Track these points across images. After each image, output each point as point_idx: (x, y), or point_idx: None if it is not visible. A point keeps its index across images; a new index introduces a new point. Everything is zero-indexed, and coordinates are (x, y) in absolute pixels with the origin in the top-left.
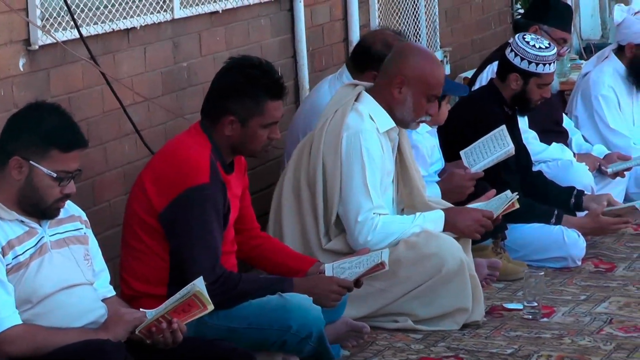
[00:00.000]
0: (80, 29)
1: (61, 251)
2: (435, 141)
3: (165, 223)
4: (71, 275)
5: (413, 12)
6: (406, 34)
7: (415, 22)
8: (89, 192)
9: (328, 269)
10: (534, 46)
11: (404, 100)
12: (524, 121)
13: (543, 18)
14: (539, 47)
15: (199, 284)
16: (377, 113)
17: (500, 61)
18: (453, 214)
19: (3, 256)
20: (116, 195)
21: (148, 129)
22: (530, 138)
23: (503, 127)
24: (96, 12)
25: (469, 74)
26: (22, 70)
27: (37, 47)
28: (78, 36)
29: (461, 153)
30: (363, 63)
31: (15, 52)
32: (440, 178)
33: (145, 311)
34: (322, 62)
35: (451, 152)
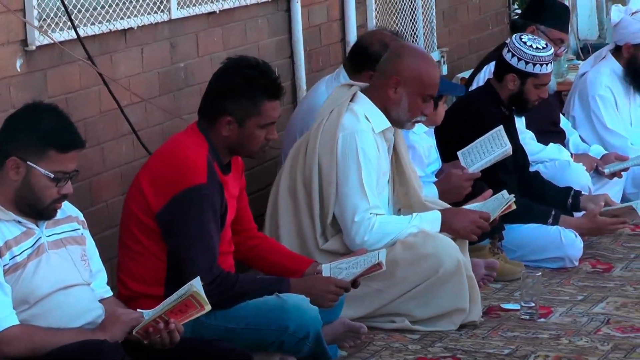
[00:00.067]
0: (77, 30)
1: (58, 252)
2: (432, 141)
3: (162, 223)
4: (68, 275)
5: (410, 13)
6: (403, 35)
7: (412, 23)
8: (86, 193)
9: (325, 270)
10: (531, 46)
11: (400, 100)
12: (522, 121)
13: (540, 18)
14: (536, 48)
15: (196, 284)
16: (373, 113)
17: (497, 61)
18: (450, 215)
19: (0, 257)
20: (113, 195)
21: (145, 130)
22: (527, 138)
23: (500, 128)
24: (93, 13)
25: (467, 75)
26: (20, 70)
27: (35, 48)
28: (75, 37)
29: (458, 153)
30: (360, 63)
31: (12, 53)
32: (437, 178)
33: (142, 312)
34: (319, 63)
35: (448, 153)
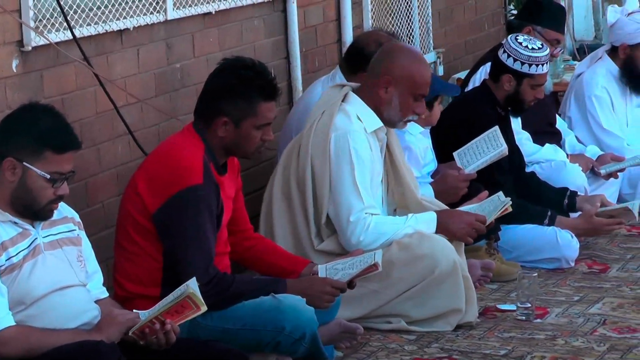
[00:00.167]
0: (73, 30)
1: (54, 253)
2: (428, 142)
3: (158, 224)
4: (64, 276)
5: (406, 13)
6: (399, 35)
7: (408, 23)
8: (82, 194)
9: (321, 270)
10: (527, 47)
11: (391, 99)
12: (517, 122)
13: (536, 19)
14: (532, 48)
15: (193, 285)
16: (365, 113)
17: (493, 62)
18: (446, 216)
19: None
20: (109, 196)
21: (141, 130)
22: (523, 139)
23: (496, 128)
24: (89, 13)
25: (462, 75)
26: (15, 71)
27: (30, 49)
28: (71, 37)
29: (454, 154)
30: (356, 64)
31: (8, 54)
32: (433, 179)
33: (138, 312)
34: (315, 63)
35: (444, 153)
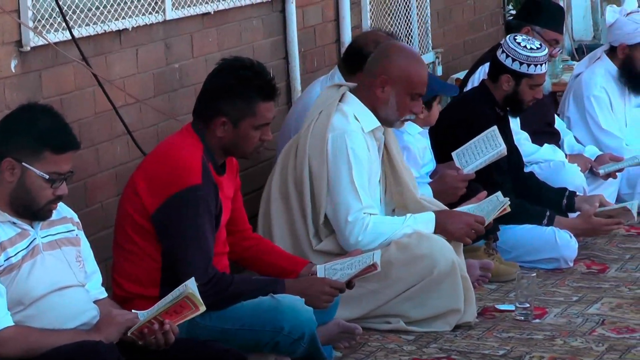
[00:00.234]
0: (72, 31)
1: (53, 253)
2: (426, 142)
3: (157, 224)
4: (63, 277)
5: (405, 14)
6: (398, 35)
7: (407, 24)
8: (81, 194)
9: (320, 270)
10: (525, 47)
11: (387, 99)
12: (516, 122)
13: (535, 19)
14: (530, 48)
15: (191, 285)
16: (362, 113)
17: (491, 62)
18: (444, 217)
19: None
20: (108, 196)
21: (140, 130)
22: (522, 139)
23: (494, 128)
24: (88, 14)
25: (461, 75)
26: (14, 71)
27: (29, 49)
28: (70, 37)
29: (453, 154)
30: (355, 64)
31: (7, 54)
32: (432, 179)
33: (137, 312)
34: (314, 64)
35: (442, 153)
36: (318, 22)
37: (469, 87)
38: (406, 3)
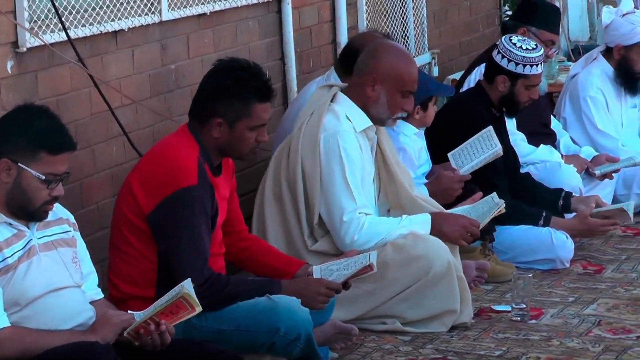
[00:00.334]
0: (68, 31)
1: (49, 254)
2: (422, 143)
3: (153, 225)
4: (59, 277)
5: (401, 14)
6: (394, 36)
7: (403, 24)
8: (77, 195)
9: (316, 271)
10: (521, 47)
11: (378, 98)
12: (512, 123)
13: (531, 20)
14: (526, 49)
15: (187, 286)
16: (353, 113)
17: (487, 63)
18: (440, 219)
19: None
20: (104, 197)
21: (136, 131)
22: (518, 140)
23: (490, 128)
24: (84, 15)
25: (457, 76)
26: (10, 72)
27: (25, 50)
28: (66, 38)
29: (449, 155)
30: (351, 65)
31: (3, 55)
32: (427, 180)
33: (133, 313)
34: (310, 64)
35: (438, 154)
36: (314, 23)
37: (465, 88)
38: (402, 4)
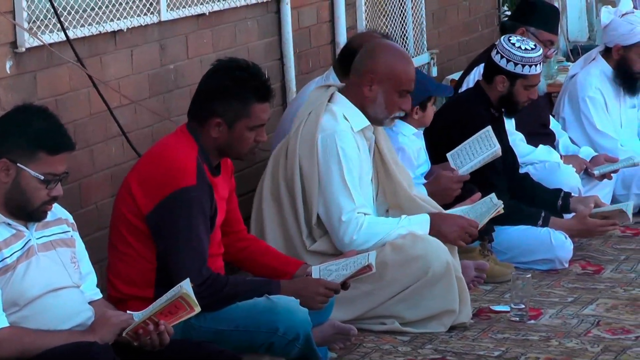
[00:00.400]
0: (67, 32)
1: (48, 254)
2: (421, 143)
3: (152, 225)
4: (58, 278)
5: (400, 15)
6: (393, 36)
7: (402, 25)
8: (76, 195)
9: (315, 271)
10: (520, 47)
11: (375, 97)
12: (511, 123)
13: (530, 20)
14: (525, 49)
15: (186, 286)
16: (351, 112)
17: (486, 63)
18: (439, 219)
19: None
20: (103, 197)
21: (135, 132)
22: (517, 140)
23: (489, 128)
24: (83, 15)
25: (456, 76)
26: (9, 72)
27: (24, 50)
28: (65, 39)
29: (448, 155)
30: (350, 65)
31: (2, 55)
32: (426, 180)
33: (132, 313)
34: (309, 65)
35: (437, 154)
36: (313, 23)
37: (464, 88)
38: (401, 4)
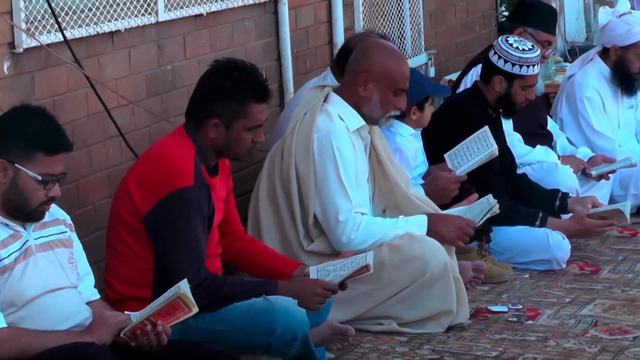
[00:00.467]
0: (64, 32)
1: (46, 254)
2: (419, 144)
3: (149, 226)
4: (56, 278)
5: (397, 15)
6: (390, 37)
7: (399, 25)
8: (74, 195)
9: (312, 272)
10: (517, 48)
11: (370, 97)
12: (509, 124)
13: (527, 20)
14: (522, 49)
15: (184, 287)
16: (346, 112)
17: (483, 64)
18: (436, 220)
19: None
20: (101, 198)
21: (132, 132)
22: (514, 141)
23: (486, 128)
24: (80, 15)
25: (454, 77)
26: (7, 73)
27: (22, 50)
28: (62, 39)
29: (445, 156)
30: None
31: None
32: (424, 181)
33: (129, 314)
34: (307, 65)
35: (435, 155)
36: (310, 24)
37: (462, 89)
38: (399, 4)
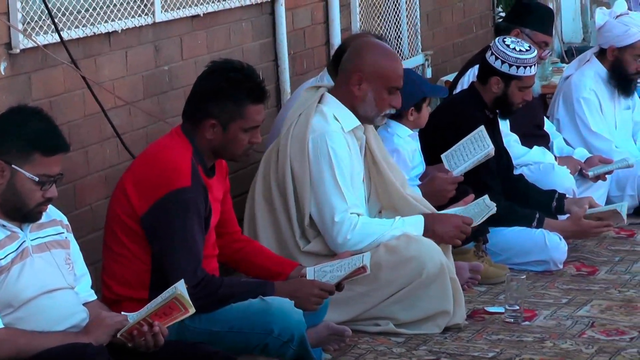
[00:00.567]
0: (61, 33)
1: (42, 255)
2: (416, 145)
3: (146, 226)
4: (52, 279)
5: (394, 16)
6: (387, 38)
7: (396, 26)
8: (71, 196)
9: (309, 273)
10: (514, 49)
11: (365, 96)
12: (506, 124)
13: (524, 21)
14: (519, 50)
15: (181, 287)
16: (341, 113)
17: (480, 64)
18: (433, 220)
19: None
20: (97, 199)
21: (129, 133)
22: (511, 141)
23: (482, 128)
24: (77, 16)
25: (451, 78)
26: (4, 74)
27: (19, 51)
28: (59, 40)
29: (442, 157)
30: None
31: None
32: (421, 182)
33: (126, 315)
34: (304, 66)
35: (432, 156)
36: (307, 25)
37: (459, 90)
38: (395, 5)
